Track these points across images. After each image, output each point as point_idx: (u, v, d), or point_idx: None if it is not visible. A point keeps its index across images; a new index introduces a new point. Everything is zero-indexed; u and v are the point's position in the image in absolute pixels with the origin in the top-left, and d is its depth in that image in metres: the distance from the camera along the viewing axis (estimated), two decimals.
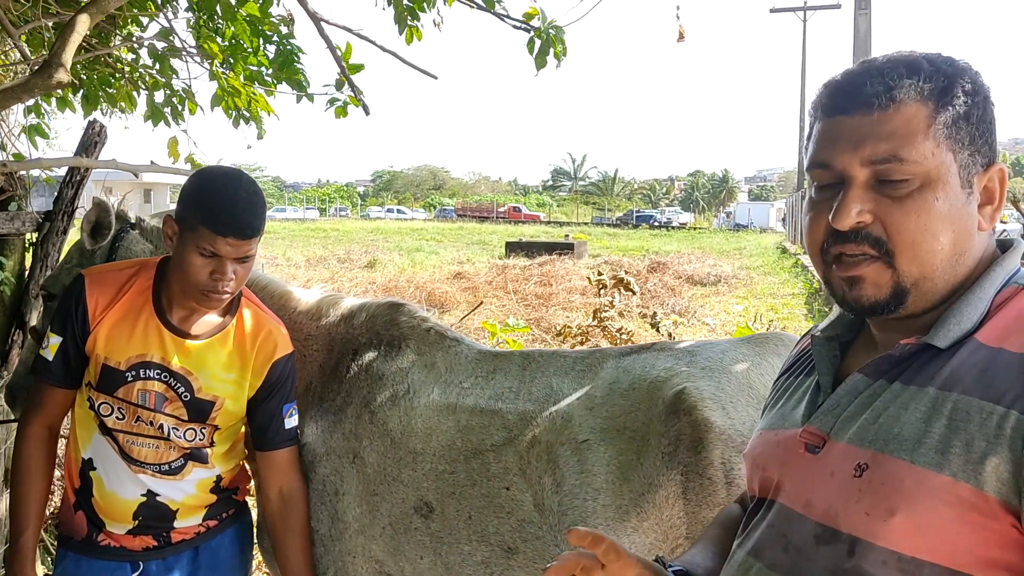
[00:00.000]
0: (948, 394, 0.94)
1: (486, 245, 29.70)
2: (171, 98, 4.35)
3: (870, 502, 0.95)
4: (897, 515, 0.92)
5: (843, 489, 0.99)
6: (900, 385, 1.01)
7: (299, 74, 4.12)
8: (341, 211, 70.25)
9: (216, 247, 1.82)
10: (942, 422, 0.93)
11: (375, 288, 13.49)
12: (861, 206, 1.01)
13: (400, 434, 2.08)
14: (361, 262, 20.54)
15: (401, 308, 2.31)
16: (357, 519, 2.09)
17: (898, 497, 0.93)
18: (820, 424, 1.08)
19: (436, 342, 2.23)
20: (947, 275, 1.01)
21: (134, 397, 1.96)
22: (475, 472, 2.00)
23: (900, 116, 1.00)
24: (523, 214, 62.53)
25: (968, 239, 1.02)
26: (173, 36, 4.17)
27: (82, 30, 2.52)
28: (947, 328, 0.99)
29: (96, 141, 3.50)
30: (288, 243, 28.71)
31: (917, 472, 0.92)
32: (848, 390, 1.07)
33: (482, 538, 1.98)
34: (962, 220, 1.00)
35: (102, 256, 2.36)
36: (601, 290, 6.53)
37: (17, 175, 3.28)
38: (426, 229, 41.90)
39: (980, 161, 1.02)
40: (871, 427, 1.00)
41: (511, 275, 15.47)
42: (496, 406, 2.06)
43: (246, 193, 1.86)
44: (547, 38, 3.54)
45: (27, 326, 3.35)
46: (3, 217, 3.18)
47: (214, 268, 1.85)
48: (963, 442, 0.90)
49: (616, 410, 1.95)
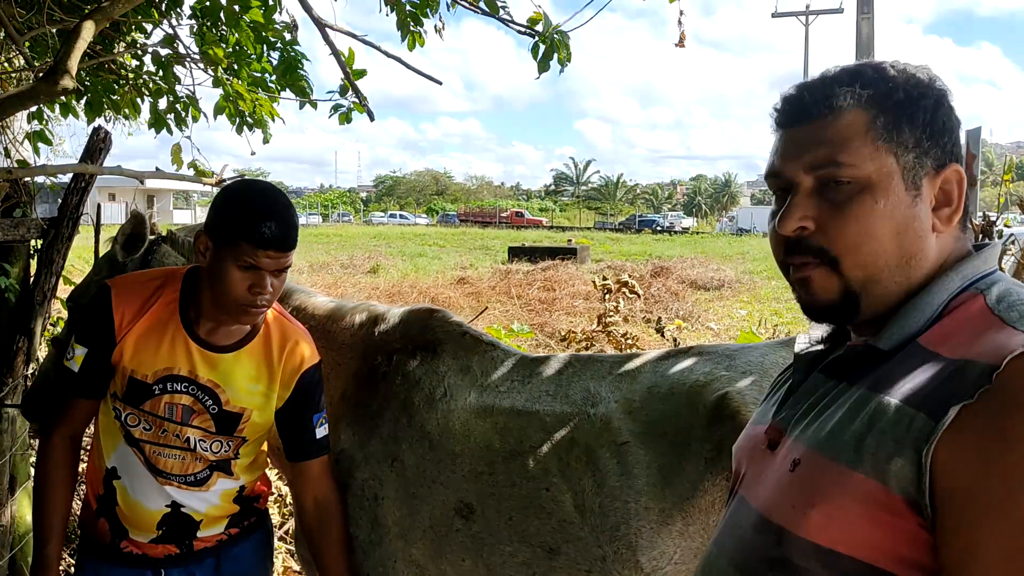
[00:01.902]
0: (874, 395, 0.97)
1: (489, 250, 29.71)
2: (174, 105, 4.35)
3: (796, 495, 0.99)
4: (815, 508, 0.96)
5: (779, 482, 1.04)
6: (845, 385, 1.03)
7: (303, 80, 4.13)
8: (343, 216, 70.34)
9: (257, 260, 1.81)
10: (863, 421, 0.95)
11: (378, 294, 13.49)
12: (804, 212, 1.03)
13: (438, 436, 2.09)
14: (364, 267, 20.56)
15: (435, 314, 2.32)
16: (397, 523, 2.09)
17: (818, 492, 0.96)
18: (781, 420, 1.13)
19: (472, 346, 2.25)
20: (898, 277, 1.02)
21: (161, 410, 1.95)
22: (515, 473, 2.01)
23: (838, 123, 1.03)
24: (525, 219, 62.55)
25: (917, 241, 1.02)
26: (177, 43, 4.17)
27: (87, 37, 2.52)
28: (891, 330, 1.01)
29: (101, 148, 3.50)
30: None
31: (835, 468, 0.95)
32: (807, 389, 1.12)
33: (523, 539, 1.99)
34: (908, 222, 1.01)
35: (134, 269, 2.36)
36: (606, 295, 6.52)
37: (22, 182, 3.28)
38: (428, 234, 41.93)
39: (931, 163, 1.03)
40: (812, 425, 1.03)
41: (514, 280, 15.47)
42: (534, 408, 2.07)
43: (282, 206, 1.85)
44: (551, 43, 3.54)
45: (32, 333, 3.35)
46: (8, 224, 3.18)
47: (253, 282, 1.83)
48: (876, 441, 0.92)
49: (655, 414, 1.96)
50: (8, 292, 3.31)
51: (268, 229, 1.80)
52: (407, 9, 3.89)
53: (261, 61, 4.15)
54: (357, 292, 13.85)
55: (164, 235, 2.45)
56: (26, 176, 2.96)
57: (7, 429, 3.27)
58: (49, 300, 3.40)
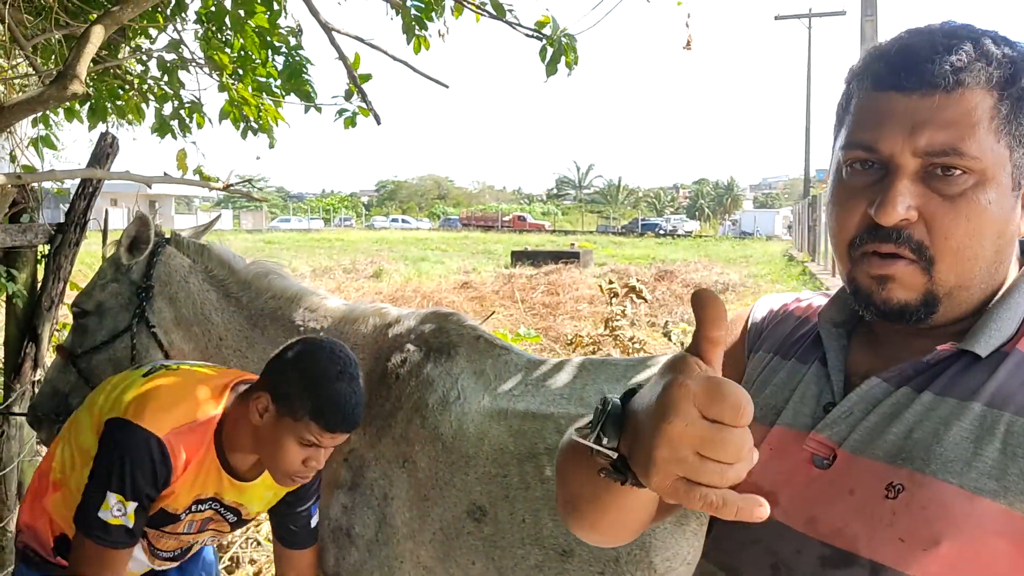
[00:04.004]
0: (1000, 413, 0.85)
1: (491, 254, 29.69)
2: (179, 110, 4.36)
3: (906, 527, 0.85)
4: (942, 544, 0.82)
5: (867, 510, 0.88)
6: (932, 396, 0.89)
7: (307, 85, 4.14)
8: (345, 221, 70.42)
9: (322, 441, 1.77)
10: (995, 445, 0.83)
11: (382, 298, 13.48)
12: (909, 201, 0.88)
13: (452, 438, 2.09)
14: (367, 272, 20.54)
15: (449, 317, 2.33)
16: (406, 524, 2.09)
17: (944, 524, 0.83)
18: (831, 433, 0.95)
19: (486, 350, 2.25)
20: (983, 284, 0.91)
21: (182, 528, 1.95)
22: (529, 475, 2.01)
23: (965, 103, 0.87)
24: (528, 223, 62.54)
25: (1010, 246, 0.92)
26: (182, 47, 4.18)
27: (96, 41, 2.51)
28: (987, 334, 0.89)
29: (108, 153, 3.50)
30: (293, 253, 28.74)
31: (969, 498, 0.82)
32: (864, 396, 0.95)
33: (536, 541, 1.98)
34: (1007, 224, 0.90)
35: (139, 271, 2.36)
36: (612, 298, 6.51)
37: (29, 187, 3.27)
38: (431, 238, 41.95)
39: None
40: (903, 443, 0.88)
41: (518, 284, 15.45)
42: (549, 410, 2.06)
43: (356, 384, 1.79)
44: (559, 46, 3.54)
45: (39, 338, 3.34)
46: (15, 229, 3.17)
47: (310, 456, 1.80)
48: (1021, 470, 0.81)
49: None
50: (16, 298, 3.31)
51: (340, 414, 1.75)
52: (412, 13, 3.89)
53: (266, 66, 4.16)
54: (360, 297, 13.84)
55: (168, 237, 2.44)
56: (34, 181, 2.95)
57: (15, 436, 3.26)
58: (57, 306, 3.39)
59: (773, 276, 20.14)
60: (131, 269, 2.35)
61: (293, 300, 2.35)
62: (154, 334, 2.33)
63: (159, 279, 2.34)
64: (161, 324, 2.34)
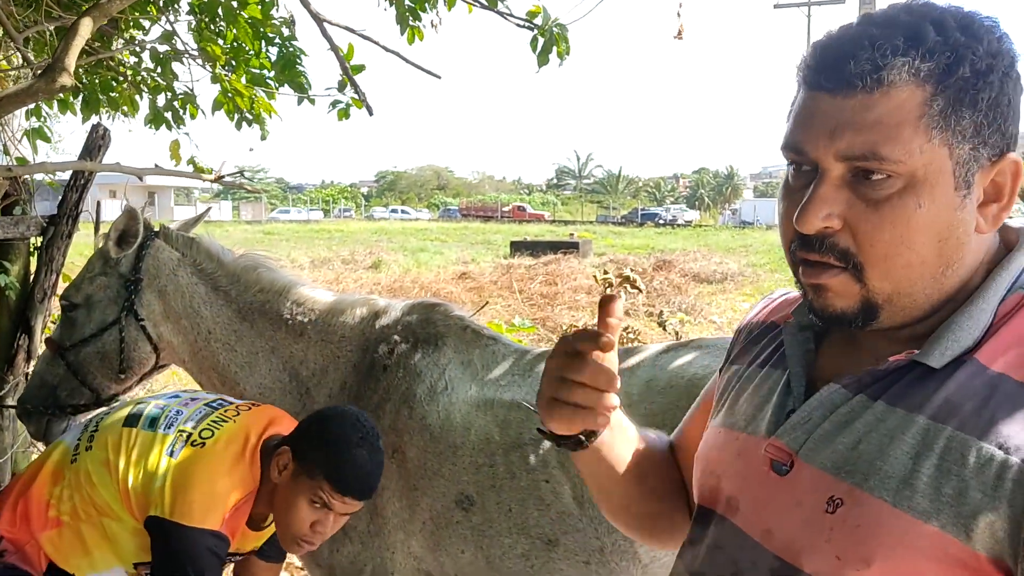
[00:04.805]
0: (942, 427, 0.80)
1: (491, 245, 29.70)
2: (172, 102, 4.35)
3: (842, 545, 0.82)
4: (873, 566, 0.80)
5: (811, 524, 0.86)
6: (884, 405, 0.86)
7: (301, 76, 4.12)
8: (345, 212, 70.29)
9: (332, 503, 1.81)
10: (932, 461, 0.79)
11: (380, 289, 13.49)
12: (830, 208, 0.84)
13: (439, 429, 2.10)
14: (365, 263, 20.54)
15: (436, 307, 2.34)
16: (396, 514, 2.11)
17: (875, 544, 0.80)
18: (788, 439, 0.92)
19: (473, 340, 2.26)
20: (929, 288, 0.86)
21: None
22: (514, 465, 2.03)
23: (888, 102, 0.81)
24: (528, 213, 62.50)
25: (959, 248, 0.85)
26: (175, 39, 4.17)
27: (85, 34, 2.51)
28: (943, 345, 0.84)
29: (100, 145, 3.50)
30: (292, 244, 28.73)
31: (900, 518, 0.79)
32: (822, 402, 0.91)
33: (522, 530, 2.01)
34: (951, 228, 0.83)
35: (128, 264, 2.36)
36: (607, 289, 6.53)
37: (21, 179, 3.28)
38: (430, 229, 41.91)
39: (987, 154, 0.83)
40: (849, 454, 0.85)
41: (516, 274, 15.46)
42: (534, 400, 2.06)
43: (376, 452, 1.84)
44: (550, 36, 3.53)
45: (32, 330, 3.35)
46: (7, 222, 3.18)
47: (318, 519, 1.83)
48: (955, 490, 0.77)
49: (654, 407, 1.97)
50: (8, 290, 3.32)
51: (354, 477, 1.79)
52: (406, 4, 3.88)
53: (259, 57, 4.15)
54: (359, 288, 13.85)
55: (157, 230, 2.44)
56: (25, 173, 2.96)
57: (8, 427, 3.28)
58: (49, 298, 3.40)
59: (772, 266, 20.14)
60: (120, 262, 2.36)
61: (281, 293, 2.36)
62: (143, 327, 2.33)
63: (148, 272, 2.35)
64: (150, 317, 2.34)
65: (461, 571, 2.07)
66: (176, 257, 2.39)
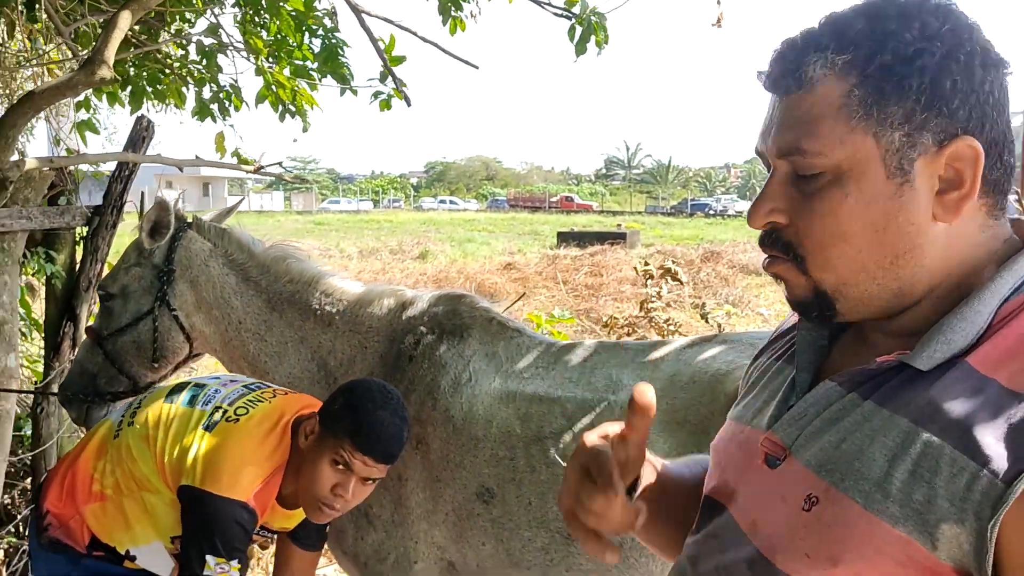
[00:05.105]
0: (921, 431, 0.78)
1: (538, 235, 29.68)
2: (218, 94, 4.41)
3: (813, 543, 0.82)
4: (839, 566, 0.79)
5: (789, 520, 0.85)
6: (872, 405, 0.84)
7: (344, 68, 4.14)
8: (394, 202, 70.84)
9: (352, 461, 1.83)
10: (907, 466, 0.77)
11: (426, 279, 13.57)
12: (773, 204, 0.89)
13: (462, 421, 2.10)
14: (413, 253, 20.70)
15: (462, 299, 2.34)
16: (420, 504, 2.12)
17: (843, 545, 0.79)
18: (783, 434, 0.92)
19: (498, 332, 2.26)
20: (882, 279, 0.85)
21: None
22: (535, 459, 2.03)
23: (811, 98, 0.85)
24: (575, 204, 62.19)
25: (905, 237, 0.83)
26: (220, 31, 4.22)
27: (124, 26, 2.55)
28: (932, 347, 0.81)
29: (144, 136, 3.56)
30: (342, 235, 29.07)
31: (869, 521, 0.78)
32: (817, 399, 0.90)
33: (542, 524, 2.01)
34: (888, 217, 0.83)
35: (161, 255, 2.39)
36: (648, 280, 6.46)
37: (67, 170, 3.35)
38: (478, 220, 42.02)
39: (930, 139, 0.81)
40: (832, 452, 0.84)
41: (561, 265, 15.42)
42: (556, 394, 2.07)
43: (398, 419, 1.87)
44: (588, 25, 3.50)
45: (78, 318, 3.43)
46: (54, 212, 3.25)
47: (339, 482, 1.86)
48: (925, 497, 0.75)
49: (677, 403, 1.95)
50: (55, 279, 3.40)
51: (375, 436, 1.82)
52: None
53: (302, 49, 4.18)
54: (405, 278, 13.95)
55: (189, 221, 2.47)
56: (67, 165, 3.02)
57: (54, 413, 3.36)
58: (94, 286, 3.47)
59: None
60: (153, 253, 2.39)
61: (310, 283, 2.37)
62: (176, 317, 2.36)
63: (180, 263, 2.38)
64: (182, 307, 2.38)
65: (483, 563, 2.07)
66: (208, 248, 2.42)
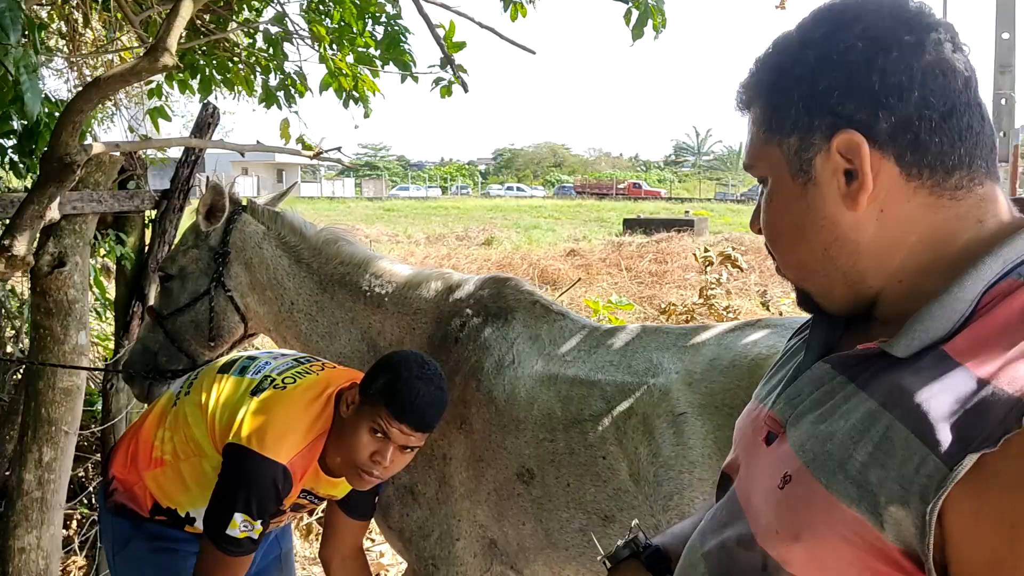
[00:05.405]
0: (884, 413, 0.78)
1: (604, 222, 29.52)
2: (284, 81, 4.50)
3: (782, 520, 0.85)
4: (799, 542, 0.82)
5: (768, 498, 0.89)
6: (854, 388, 0.85)
7: (406, 55, 4.18)
8: (462, 189, 71.22)
9: (389, 429, 1.88)
10: (867, 448, 0.78)
11: (490, 265, 13.64)
12: (759, 214, 0.98)
13: (504, 402, 2.13)
14: (478, 240, 20.80)
15: (507, 282, 2.36)
16: (463, 483, 2.15)
17: (804, 523, 0.82)
18: (780, 411, 0.94)
19: (542, 315, 2.27)
20: (830, 271, 0.90)
21: (283, 519, 2.16)
22: (574, 441, 2.04)
23: (749, 119, 0.95)
24: (643, 190, 61.54)
25: (820, 231, 0.88)
26: (286, 20, 4.31)
27: (186, 15, 2.62)
28: (910, 335, 0.81)
29: (209, 122, 3.67)
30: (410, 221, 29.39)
31: (828, 501, 0.79)
32: (812, 379, 0.93)
33: (580, 505, 2.02)
34: (801, 214, 0.90)
35: (217, 237, 2.46)
36: (708, 267, 6.38)
37: (136, 155, 3.47)
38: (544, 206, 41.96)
39: (820, 137, 0.86)
40: (812, 431, 0.87)
41: (626, 252, 15.31)
42: (596, 377, 2.09)
43: (434, 388, 1.91)
44: (645, 8, 3.46)
45: (146, 299, 3.56)
46: (123, 195, 3.37)
47: (377, 449, 1.90)
48: (879, 479, 0.75)
49: (716, 386, 1.95)
50: (124, 260, 3.53)
51: (410, 404, 1.86)
52: None
53: (364, 36, 4.23)
54: (469, 264, 14.04)
55: (244, 205, 2.53)
56: (133, 149, 3.13)
57: (123, 389, 3.50)
58: None
59: None
60: (209, 235, 2.46)
61: (360, 265, 2.42)
62: (231, 298, 2.43)
63: (235, 245, 2.44)
64: (237, 288, 2.45)
65: (523, 542, 2.10)
66: (261, 230, 2.48)
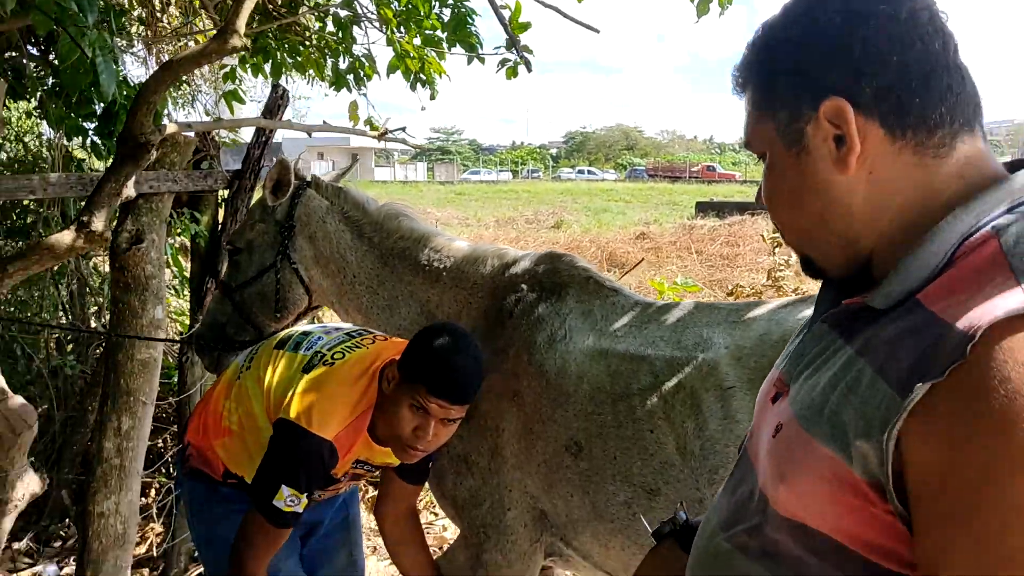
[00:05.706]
0: (859, 360, 0.85)
1: (676, 205, 29.14)
2: (353, 64, 4.58)
3: (773, 465, 0.93)
4: (784, 482, 0.90)
5: (765, 447, 0.97)
6: (841, 341, 0.92)
7: (472, 36, 4.21)
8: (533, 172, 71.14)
9: (428, 405, 1.92)
10: (841, 391, 0.85)
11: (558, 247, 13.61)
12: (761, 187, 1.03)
13: (555, 375, 2.15)
14: (548, 223, 20.79)
15: (561, 258, 2.39)
16: (515, 455, 2.19)
17: (789, 464, 0.90)
18: (785, 371, 1.02)
19: (595, 291, 2.29)
20: (827, 235, 0.95)
21: (341, 487, 2.29)
22: (621, 414, 2.06)
23: (745, 100, 1.00)
24: (717, 173, 60.56)
25: (817, 197, 0.93)
26: (355, 3, 4.38)
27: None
28: (888, 287, 0.87)
29: (279, 104, 3.76)
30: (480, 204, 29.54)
31: (808, 442, 0.87)
32: (813, 336, 0.99)
33: (626, 479, 2.04)
34: (798, 183, 0.94)
35: (282, 212, 2.54)
36: (776, 248, 6.27)
37: (210, 136, 3.59)
38: (616, 190, 41.64)
39: (807, 107, 0.91)
40: (804, 383, 0.94)
41: (697, 235, 15.12)
42: (645, 352, 2.10)
43: (470, 361, 1.95)
44: None
45: (219, 275, 3.69)
46: (197, 175, 3.50)
47: (419, 424, 1.95)
48: (848, 418, 0.82)
49: (765, 361, 1.94)
50: (199, 238, 3.67)
51: (446, 380, 1.91)
52: None
53: (430, 18, 4.28)
54: (537, 246, 14.03)
55: (309, 180, 2.60)
56: (204, 129, 3.24)
57: (198, 362, 3.63)
58: None
59: None
60: (275, 210, 2.54)
61: (420, 241, 2.47)
62: (296, 270, 2.51)
63: (300, 219, 2.52)
64: (302, 261, 2.52)
65: (571, 513, 2.12)
66: (325, 205, 2.55)
